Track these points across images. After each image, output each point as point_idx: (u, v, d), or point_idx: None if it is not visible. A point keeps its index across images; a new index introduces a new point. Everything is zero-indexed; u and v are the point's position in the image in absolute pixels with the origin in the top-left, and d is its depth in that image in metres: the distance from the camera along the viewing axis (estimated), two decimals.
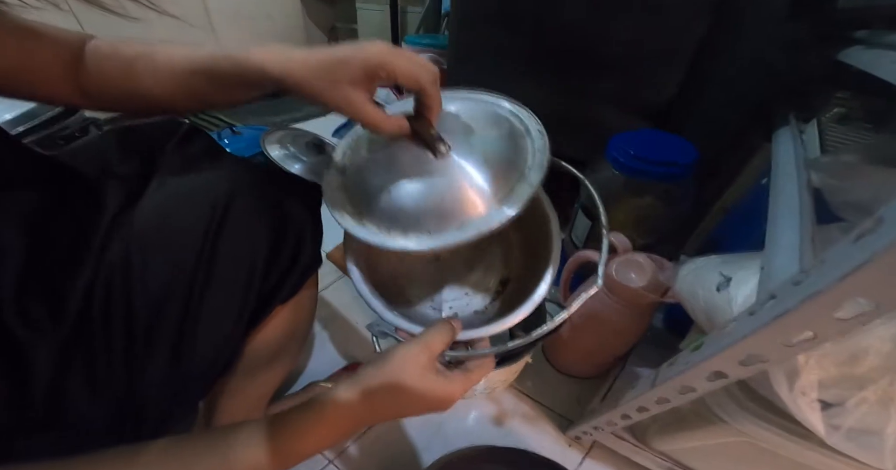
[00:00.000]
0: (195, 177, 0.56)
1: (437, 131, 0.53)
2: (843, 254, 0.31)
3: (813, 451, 0.52)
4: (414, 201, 0.52)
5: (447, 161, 0.52)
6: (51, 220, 0.48)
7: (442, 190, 0.52)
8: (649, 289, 0.77)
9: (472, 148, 0.54)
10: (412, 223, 0.52)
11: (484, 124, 0.58)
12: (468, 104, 0.61)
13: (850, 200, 0.53)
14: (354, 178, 0.57)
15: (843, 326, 0.33)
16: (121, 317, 0.48)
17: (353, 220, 0.54)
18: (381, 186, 0.53)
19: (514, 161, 0.54)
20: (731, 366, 0.45)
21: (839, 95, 0.85)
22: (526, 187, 0.51)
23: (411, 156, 0.53)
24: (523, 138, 0.57)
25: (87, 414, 0.47)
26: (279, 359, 0.72)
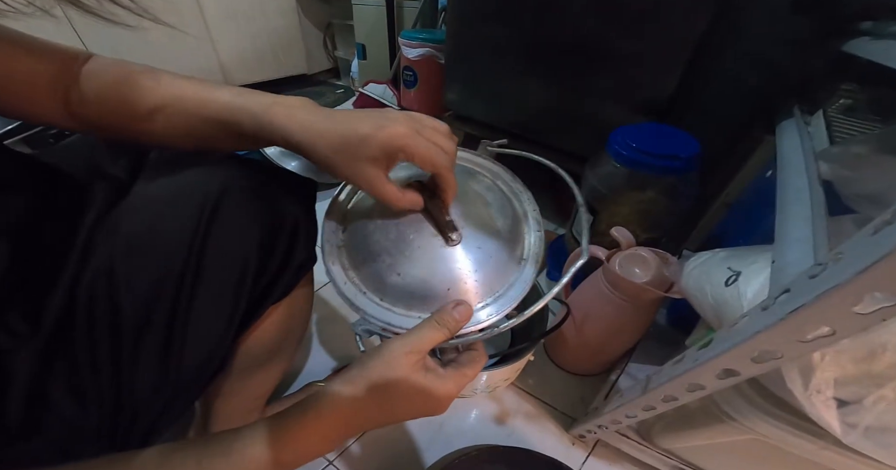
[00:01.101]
0: (184, 174, 0.55)
1: (451, 218, 0.54)
2: (862, 246, 0.30)
3: (827, 450, 0.51)
4: (409, 281, 0.53)
5: (454, 248, 0.54)
6: (35, 224, 0.47)
7: (441, 278, 0.53)
8: (653, 284, 0.76)
9: (478, 236, 0.55)
10: (402, 298, 0.53)
11: (490, 207, 0.60)
12: (473, 180, 0.63)
13: (864, 192, 0.51)
14: (356, 232, 0.58)
15: (863, 322, 0.32)
16: (106, 322, 0.47)
17: (343, 275, 0.56)
18: (382, 254, 0.54)
19: (514, 251, 0.57)
20: (742, 363, 0.43)
21: (845, 87, 0.84)
22: (521, 285, 0.54)
23: (419, 233, 0.54)
24: (521, 224, 0.60)
25: (73, 420, 0.46)
26: (275, 359, 0.71)
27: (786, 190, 0.58)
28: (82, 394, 0.46)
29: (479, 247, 0.54)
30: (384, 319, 0.52)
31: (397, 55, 1.95)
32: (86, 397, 0.46)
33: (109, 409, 0.47)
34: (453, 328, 0.48)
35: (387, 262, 0.54)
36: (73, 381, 0.46)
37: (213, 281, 0.52)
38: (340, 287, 0.55)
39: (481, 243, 0.55)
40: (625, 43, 1.02)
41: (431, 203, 0.54)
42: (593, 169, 1.03)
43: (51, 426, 0.44)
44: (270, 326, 0.64)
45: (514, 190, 0.64)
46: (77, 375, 0.46)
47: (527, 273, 0.55)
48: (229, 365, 0.63)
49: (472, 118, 1.55)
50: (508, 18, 1.18)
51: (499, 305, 0.52)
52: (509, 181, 0.65)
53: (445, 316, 0.48)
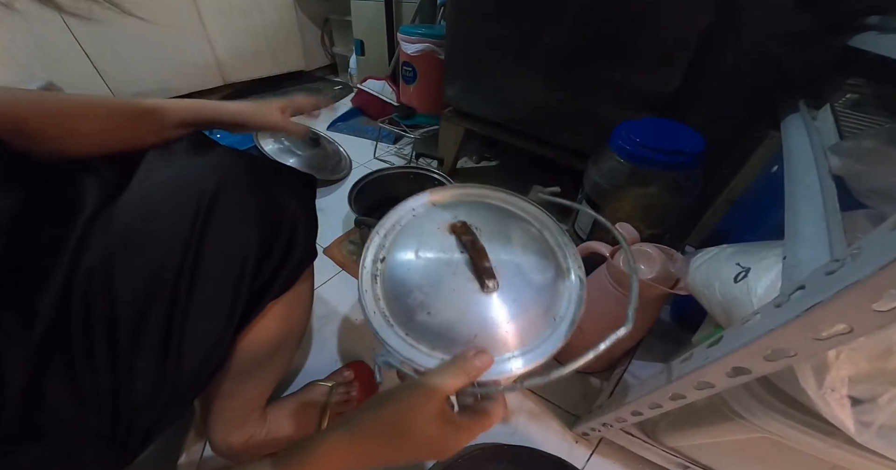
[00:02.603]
0: (181, 169, 0.55)
1: (490, 265, 0.53)
2: (881, 242, 0.30)
3: (839, 448, 0.51)
4: (438, 321, 0.52)
5: (488, 295, 0.53)
6: (30, 222, 0.46)
7: (471, 324, 0.52)
8: (659, 280, 0.76)
9: (515, 287, 0.54)
10: (427, 337, 0.52)
11: (532, 259, 0.58)
12: (520, 227, 0.62)
13: (877, 187, 0.51)
14: (394, 265, 0.58)
15: (882, 319, 0.32)
16: (102, 320, 0.46)
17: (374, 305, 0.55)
18: (415, 291, 0.54)
19: (550, 307, 0.56)
20: (754, 361, 0.43)
21: (851, 81, 0.83)
22: (551, 344, 0.53)
23: (456, 276, 0.54)
24: (562, 281, 0.58)
25: (71, 421, 0.45)
26: (276, 357, 0.70)
27: (795, 185, 0.58)
28: (81, 394, 0.45)
29: (514, 299, 0.53)
30: (406, 355, 0.51)
31: (396, 51, 1.94)
32: (85, 398, 0.45)
33: (109, 409, 0.46)
34: (473, 376, 0.46)
35: (419, 299, 0.53)
36: (72, 381, 0.45)
37: (211, 278, 0.52)
38: (369, 316, 0.54)
39: (517, 295, 0.54)
40: (627, 38, 1.01)
41: (472, 248, 0.54)
42: (596, 164, 1.02)
43: (50, 428, 0.44)
44: (270, 324, 0.64)
45: (560, 243, 0.62)
46: (75, 375, 0.45)
47: (559, 332, 0.54)
48: (228, 363, 0.62)
49: (472, 114, 1.55)
50: (509, 13, 1.17)
51: (525, 360, 0.52)
52: (556, 233, 0.63)
53: (467, 363, 0.47)
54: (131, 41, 2.06)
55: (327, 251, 1.39)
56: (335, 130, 2.19)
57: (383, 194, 1.41)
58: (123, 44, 2.04)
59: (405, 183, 1.50)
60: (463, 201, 0.67)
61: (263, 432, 0.77)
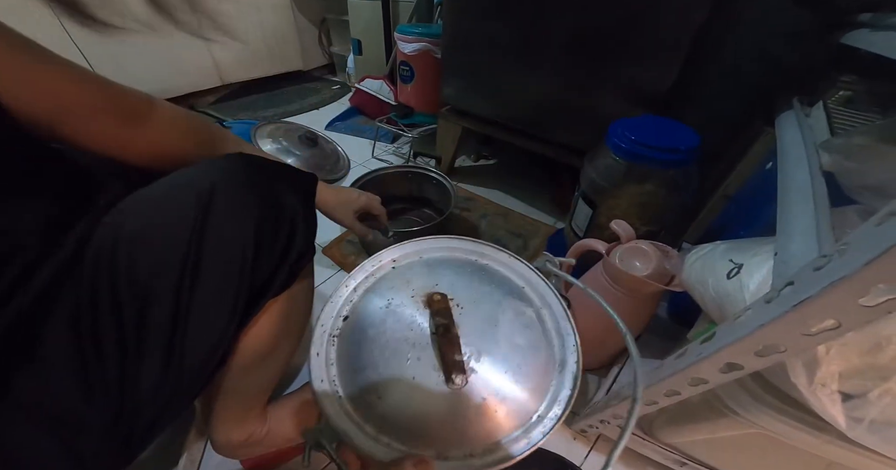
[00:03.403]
0: (180, 171, 0.55)
1: (462, 359, 0.48)
2: (868, 237, 0.30)
3: (831, 444, 0.51)
4: (388, 409, 0.47)
5: (454, 391, 0.47)
6: (62, 222, 0.47)
7: (426, 420, 0.47)
8: (654, 277, 0.76)
9: (488, 384, 0.48)
10: (374, 420, 0.47)
11: (517, 350, 0.51)
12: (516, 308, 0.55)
13: (867, 183, 0.51)
14: (355, 329, 0.53)
15: (869, 314, 0.32)
16: (109, 317, 0.47)
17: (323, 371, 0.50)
18: (368, 368, 0.49)
19: (528, 407, 0.48)
20: (746, 357, 0.43)
21: (844, 79, 0.84)
22: (517, 450, 0.45)
23: (419, 362, 0.49)
24: (549, 376, 0.51)
25: (82, 416, 0.45)
26: (276, 354, 0.70)
27: (787, 182, 0.58)
28: (90, 389, 0.46)
29: (484, 397, 0.47)
30: (350, 435, 0.46)
31: (393, 50, 1.94)
32: (93, 393, 0.46)
33: (114, 405, 0.47)
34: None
35: (371, 378, 0.48)
36: (82, 376, 0.45)
37: (213, 274, 0.52)
38: (314, 384, 0.49)
39: (489, 394, 0.47)
40: (623, 35, 1.01)
41: (444, 336, 0.49)
42: (592, 162, 1.03)
43: (57, 423, 0.44)
44: (270, 321, 0.64)
45: (561, 329, 0.54)
46: (85, 370, 0.46)
47: (532, 438, 0.46)
48: (230, 360, 0.63)
49: (469, 113, 1.55)
50: (506, 11, 1.17)
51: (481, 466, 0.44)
52: (559, 317, 0.55)
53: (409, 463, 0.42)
54: (129, 42, 2.06)
55: (326, 251, 1.40)
56: (333, 130, 2.19)
57: (382, 194, 1.42)
58: (121, 45, 2.04)
59: (404, 182, 1.51)
60: (455, 259, 0.61)
61: (264, 431, 0.77)
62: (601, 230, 1.02)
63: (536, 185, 1.78)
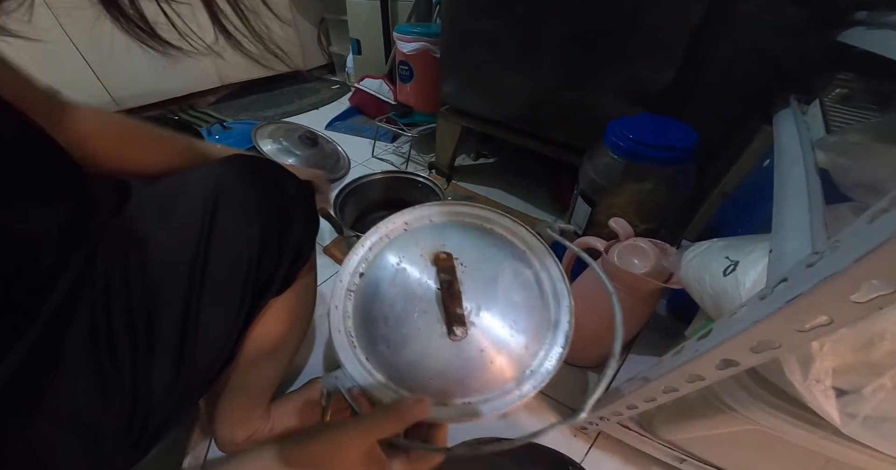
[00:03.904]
0: (186, 172, 0.56)
1: (463, 312, 0.52)
2: (859, 235, 0.30)
3: (827, 440, 0.51)
4: (397, 357, 0.52)
5: (454, 342, 0.51)
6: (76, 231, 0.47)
7: (429, 367, 0.51)
8: (653, 274, 0.76)
9: (486, 337, 0.52)
10: (384, 368, 0.52)
11: (516, 308, 0.55)
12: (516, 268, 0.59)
13: (861, 180, 0.51)
14: (370, 284, 0.57)
15: (860, 310, 0.32)
16: (123, 321, 0.48)
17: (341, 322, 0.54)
18: (380, 320, 0.54)
19: (520, 362, 0.52)
20: (741, 353, 0.44)
21: (841, 76, 0.84)
22: (505, 403, 0.50)
23: (426, 314, 0.53)
24: (543, 334, 0.55)
25: (99, 420, 0.46)
26: (280, 352, 0.71)
27: (783, 179, 0.58)
28: (106, 395, 0.46)
29: (481, 349, 0.51)
30: (361, 382, 0.50)
31: (392, 50, 1.94)
32: (109, 398, 0.46)
33: (128, 408, 0.47)
34: (408, 423, 0.46)
35: (381, 330, 0.53)
36: (98, 382, 0.46)
37: (221, 273, 0.53)
38: (333, 334, 0.53)
39: (486, 346, 0.51)
40: (621, 34, 1.01)
41: (448, 290, 0.53)
42: (591, 160, 1.03)
43: (79, 426, 0.45)
44: (274, 318, 0.65)
45: (557, 291, 0.57)
46: (101, 376, 0.46)
47: (523, 390, 0.50)
48: (237, 358, 0.63)
49: (468, 111, 1.55)
50: (503, 10, 1.17)
51: (470, 411, 0.49)
52: (556, 279, 0.58)
53: (405, 411, 0.46)
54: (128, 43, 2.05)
55: (327, 250, 1.40)
56: (333, 130, 2.19)
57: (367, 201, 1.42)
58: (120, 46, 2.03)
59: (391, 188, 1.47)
60: (462, 222, 0.63)
61: (267, 428, 0.78)
62: (600, 228, 1.02)
63: (536, 184, 1.78)
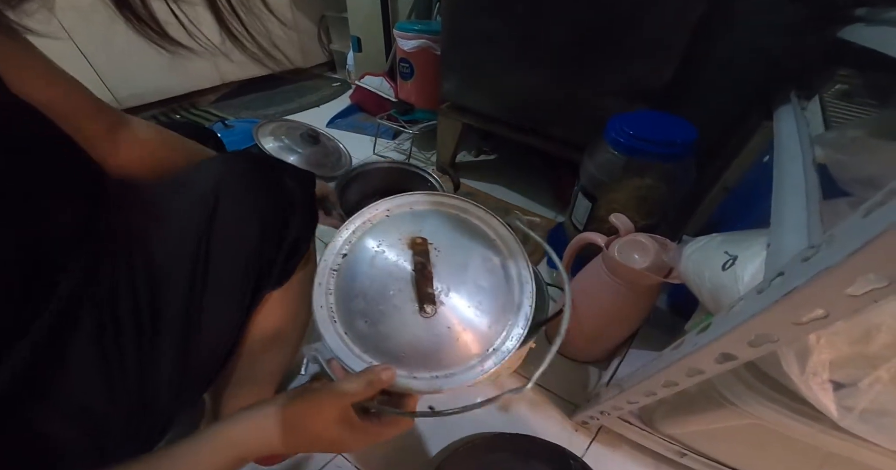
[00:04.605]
0: (189, 169, 0.57)
1: (433, 291, 0.58)
2: (854, 228, 0.31)
3: (825, 433, 0.52)
4: (372, 331, 0.57)
5: (425, 319, 0.57)
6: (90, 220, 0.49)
7: (401, 341, 0.56)
8: (653, 269, 0.77)
9: (454, 315, 0.58)
10: (360, 341, 0.56)
11: (482, 291, 0.61)
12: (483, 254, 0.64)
13: (858, 176, 0.51)
14: (352, 263, 0.62)
15: (856, 303, 0.32)
16: (129, 314, 0.48)
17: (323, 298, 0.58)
18: (359, 297, 0.59)
19: (484, 339, 0.58)
20: (739, 347, 0.44)
21: (841, 72, 0.84)
22: (468, 376, 0.56)
23: (401, 293, 0.59)
24: (506, 315, 0.60)
25: (106, 414, 0.47)
26: (282, 341, 0.72)
27: (782, 174, 0.59)
28: (112, 389, 0.47)
29: (448, 326, 0.57)
30: (338, 353, 0.55)
31: (393, 47, 1.94)
32: (115, 392, 0.47)
33: (134, 402, 0.48)
34: (377, 388, 0.50)
35: (360, 306, 0.58)
36: (105, 375, 0.47)
37: (223, 264, 0.54)
38: (315, 308, 0.57)
39: (454, 323, 0.57)
40: (621, 30, 1.01)
41: (420, 271, 0.59)
42: (591, 156, 1.03)
43: (88, 420, 0.46)
44: (276, 307, 0.66)
45: (521, 277, 0.63)
46: (108, 369, 0.47)
47: (485, 366, 0.56)
48: (239, 350, 0.64)
49: (469, 109, 1.55)
50: (504, 7, 1.17)
51: (437, 384, 0.55)
52: (522, 267, 0.64)
53: (374, 377, 0.50)
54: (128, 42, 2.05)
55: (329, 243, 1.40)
56: (334, 127, 2.19)
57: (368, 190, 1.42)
58: (121, 45, 2.04)
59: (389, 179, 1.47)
60: (439, 211, 0.69)
61: None
62: (601, 223, 1.03)
63: (537, 180, 1.78)
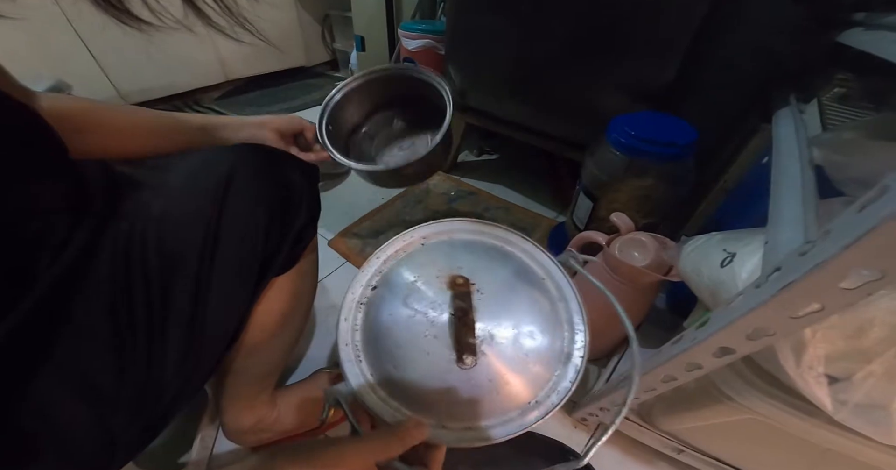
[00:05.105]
0: (201, 156, 0.59)
1: (475, 341, 0.52)
2: (848, 224, 0.32)
3: (821, 428, 0.53)
4: (402, 379, 0.51)
5: (462, 370, 0.51)
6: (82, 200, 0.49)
7: (435, 392, 0.51)
8: (652, 267, 0.78)
9: (495, 368, 0.51)
10: (388, 385, 0.52)
11: (528, 337, 0.54)
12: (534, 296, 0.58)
13: (853, 176, 0.53)
14: (381, 300, 0.57)
15: (849, 297, 0.33)
16: (141, 291, 0.49)
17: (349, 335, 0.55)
18: (388, 339, 0.54)
19: (526, 390, 0.52)
20: (737, 340, 0.45)
21: (839, 76, 0.85)
22: (509, 430, 0.49)
23: (436, 340, 0.53)
24: (556, 366, 0.54)
25: (115, 391, 0.47)
26: (284, 332, 0.72)
27: (780, 174, 0.60)
28: (122, 366, 0.47)
29: (490, 379, 0.51)
30: (363, 396, 0.50)
31: (397, 46, 1.95)
32: (124, 369, 0.47)
33: (142, 381, 0.48)
34: (407, 445, 0.46)
35: (389, 348, 0.53)
36: (116, 351, 0.47)
37: (231, 251, 0.55)
38: (340, 346, 0.54)
39: (494, 377, 0.51)
40: (623, 31, 1.02)
41: (461, 319, 0.52)
42: (593, 156, 1.04)
43: (95, 396, 0.46)
44: (278, 297, 0.66)
45: (573, 324, 0.57)
46: (119, 344, 0.47)
47: (526, 420, 0.50)
48: (242, 337, 0.65)
49: (472, 108, 1.56)
50: (507, 7, 1.18)
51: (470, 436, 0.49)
52: (573, 311, 0.58)
53: (404, 434, 0.46)
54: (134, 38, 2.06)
55: (332, 243, 1.41)
56: None
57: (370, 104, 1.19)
58: (126, 41, 2.05)
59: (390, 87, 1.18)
60: (483, 244, 0.63)
61: (273, 416, 0.80)
62: (601, 223, 1.04)
63: (538, 180, 1.79)
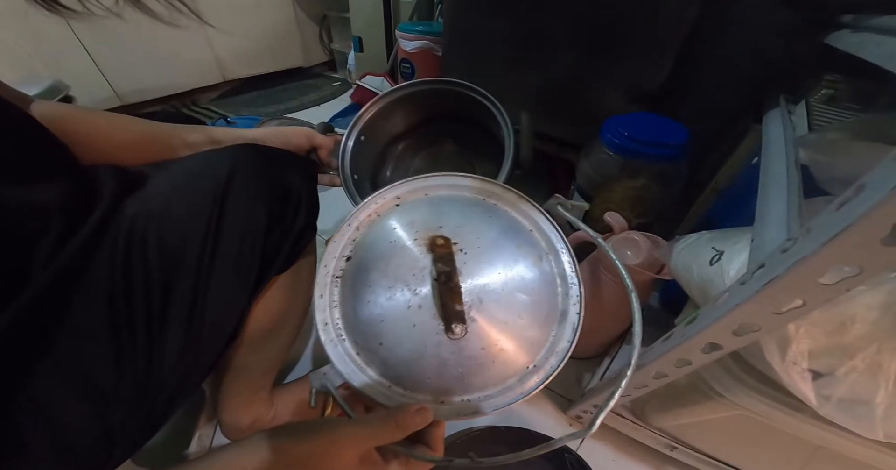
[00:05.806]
0: (201, 157, 0.60)
1: (463, 308, 0.47)
2: (827, 221, 0.33)
3: (807, 423, 0.54)
4: (390, 355, 0.48)
5: (453, 339, 0.47)
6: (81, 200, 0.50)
7: (425, 366, 0.47)
8: (645, 266, 0.79)
9: (488, 334, 0.48)
10: (376, 363, 0.48)
11: (524, 298, 0.51)
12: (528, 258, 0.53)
13: (836, 175, 0.54)
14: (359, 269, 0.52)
15: (829, 292, 0.35)
16: (141, 289, 0.49)
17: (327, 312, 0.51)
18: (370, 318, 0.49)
19: (522, 358, 0.49)
20: (724, 336, 0.46)
21: (828, 77, 0.86)
22: (508, 399, 0.47)
23: (421, 309, 0.49)
24: (549, 326, 0.51)
25: (114, 388, 0.47)
26: (282, 330, 0.73)
27: (767, 174, 0.60)
28: (121, 362, 0.47)
29: (483, 347, 0.47)
30: (350, 378, 0.47)
31: (394, 47, 1.96)
32: (123, 365, 0.47)
33: (141, 378, 0.49)
34: (407, 432, 0.44)
35: (373, 324, 0.49)
36: (115, 348, 0.47)
37: (230, 250, 0.55)
38: (319, 326, 0.49)
39: (488, 343, 0.47)
40: (617, 33, 1.03)
41: (446, 284, 0.48)
42: (587, 157, 1.05)
43: (94, 392, 0.46)
44: (276, 295, 0.67)
45: (565, 278, 0.54)
46: (118, 342, 0.47)
47: (526, 387, 0.48)
48: (241, 336, 0.66)
49: None
50: (504, 8, 1.19)
51: (470, 408, 0.47)
52: (565, 263, 0.54)
53: (407, 419, 0.44)
54: (131, 38, 2.07)
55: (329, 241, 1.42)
56: (335, 126, 2.20)
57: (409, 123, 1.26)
58: (123, 41, 2.05)
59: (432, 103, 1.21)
60: (463, 198, 0.59)
61: (271, 415, 0.80)
62: (595, 222, 1.04)
63: (538, 180, 1.78)
